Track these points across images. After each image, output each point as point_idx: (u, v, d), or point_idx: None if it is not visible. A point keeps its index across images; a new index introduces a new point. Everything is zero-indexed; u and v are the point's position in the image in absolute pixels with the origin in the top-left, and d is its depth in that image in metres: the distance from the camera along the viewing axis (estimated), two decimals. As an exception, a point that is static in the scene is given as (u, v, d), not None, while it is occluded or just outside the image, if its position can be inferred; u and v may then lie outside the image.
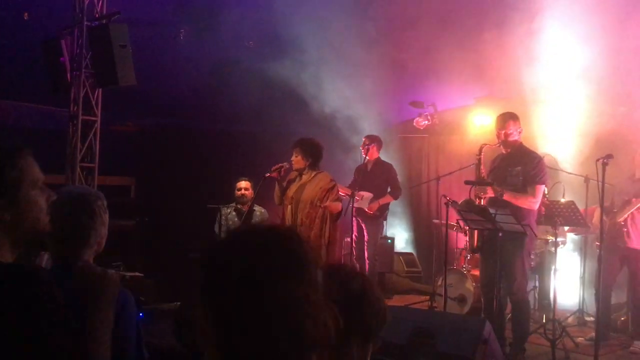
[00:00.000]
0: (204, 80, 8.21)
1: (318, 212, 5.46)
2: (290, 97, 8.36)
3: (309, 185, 5.52)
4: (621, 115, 6.86)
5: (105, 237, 2.22)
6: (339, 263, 1.70)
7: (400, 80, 8.62)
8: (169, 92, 8.34)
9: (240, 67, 8.29)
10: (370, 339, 1.64)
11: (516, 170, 5.15)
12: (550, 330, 5.43)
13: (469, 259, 6.98)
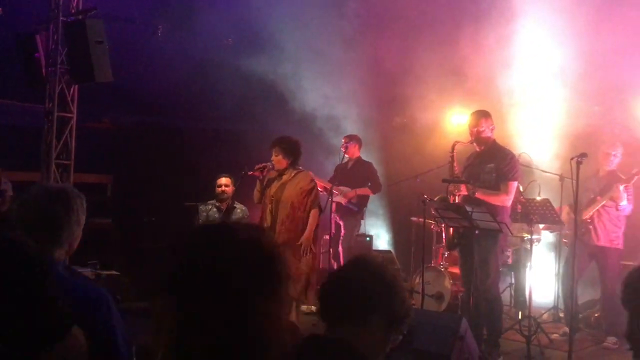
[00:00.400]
0: (183, 77, 8.16)
1: (299, 214, 5.45)
2: (270, 95, 8.34)
3: (289, 185, 5.50)
4: (596, 114, 6.97)
5: (77, 239, 2.11)
6: (367, 254, 1.94)
7: (380, 79, 8.66)
8: (146, 89, 8.26)
9: (219, 64, 8.25)
10: (393, 325, 1.80)
11: (489, 167, 5.21)
12: (525, 327, 5.50)
13: (446, 257, 7.04)
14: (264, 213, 5.62)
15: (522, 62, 7.22)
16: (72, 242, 2.08)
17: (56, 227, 2.01)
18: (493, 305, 5.28)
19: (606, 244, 5.83)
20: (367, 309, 1.76)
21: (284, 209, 5.45)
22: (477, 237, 5.04)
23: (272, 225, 5.50)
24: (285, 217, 5.43)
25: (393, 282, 1.82)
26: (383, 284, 1.80)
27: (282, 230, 5.43)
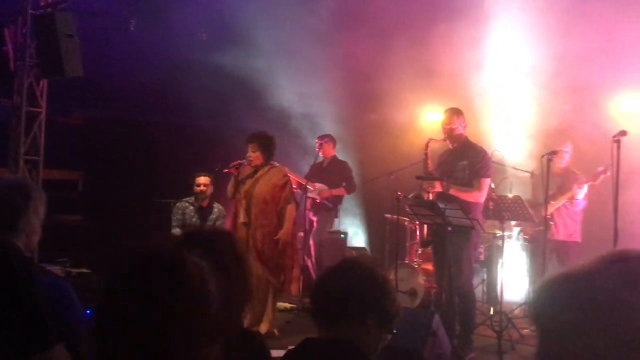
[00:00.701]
0: (155, 72, 8.05)
1: (272, 209, 5.43)
2: (245, 91, 8.29)
3: (262, 180, 5.49)
4: (567, 113, 7.07)
5: (36, 234, 2.08)
6: (358, 256, 2.07)
7: (354, 77, 8.67)
8: (118, 84, 8.14)
9: (192, 59, 8.16)
10: (385, 324, 1.90)
11: (462, 164, 5.26)
12: (496, 322, 5.57)
13: (420, 254, 7.08)
14: (238, 209, 5.60)
15: (495, 61, 7.29)
16: (30, 233, 2.04)
17: (13, 215, 1.99)
18: (466, 301, 5.33)
19: (566, 238, 5.98)
20: (365, 308, 1.86)
21: (257, 204, 5.44)
22: (450, 234, 5.08)
23: (246, 221, 5.49)
24: (259, 212, 5.42)
25: (385, 282, 1.94)
26: (377, 284, 1.90)
27: (256, 226, 5.42)
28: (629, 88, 7.04)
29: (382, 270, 2.00)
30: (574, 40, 6.56)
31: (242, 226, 5.51)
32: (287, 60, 8.36)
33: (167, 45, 8.23)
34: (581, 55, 6.71)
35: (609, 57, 6.55)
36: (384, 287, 1.92)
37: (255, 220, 5.42)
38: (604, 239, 5.31)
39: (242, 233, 5.50)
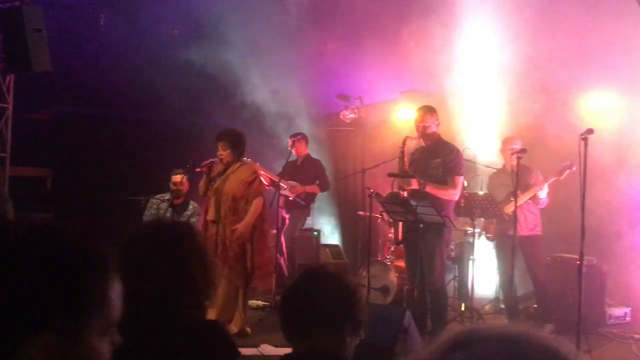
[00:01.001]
0: (126, 67, 7.93)
1: (242, 207, 5.40)
2: (218, 89, 8.23)
3: (232, 177, 5.46)
4: (536, 111, 7.17)
5: None
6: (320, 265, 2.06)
7: (327, 74, 8.68)
8: (88, 79, 8.01)
9: (164, 56, 8.07)
10: (357, 330, 1.90)
11: (435, 162, 5.30)
12: (467, 318, 5.64)
13: (392, 251, 7.12)
14: (208, 207, 5.57)
15: (467, 60, 7.37)
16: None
17: None
18: (438, 298, 5.38)
19: (527, 232, 6.06)
20: (341, 318, 1.86)
21: (226, 201, 5.41)
22: (422, 231, 5.11)
23: (216, 218, 5.45)
24: (228, 209, 5.39)
25: (357, 290, 1.95)
26: (350, 292, 1.90)
27: (226, 224, 5.39)
28: (597, 87, 7.18)
29: (351, 277, 2.01)
30: (543, 41, 6.67)
31: (212, 224, 5.48)
32: (260, 58, 8.33)
33: (138, 41, 8.13)
34: (550, 55, 6.82)
35: (577, 57, 6.65)
36: (356, 295, 1.92)
37: (225, 218, 5.39)
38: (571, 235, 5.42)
39: (212, 230, 5.47)
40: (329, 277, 1.92)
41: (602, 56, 6.36)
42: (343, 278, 1.93)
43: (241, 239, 5.38)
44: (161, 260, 1.78)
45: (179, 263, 1.80)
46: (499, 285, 6.69)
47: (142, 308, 1.71)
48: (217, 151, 5.53)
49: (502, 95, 7.23)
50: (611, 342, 5.96)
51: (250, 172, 5.49)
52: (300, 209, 7.59)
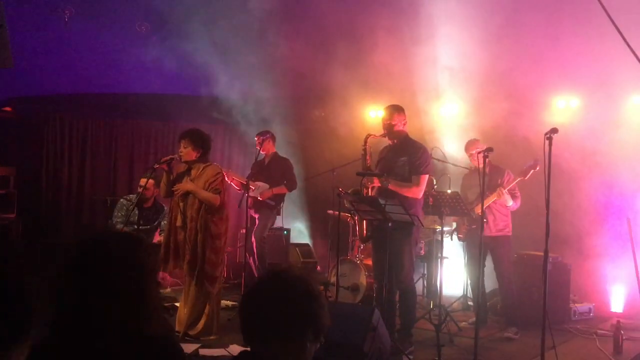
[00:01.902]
0: (91, 64, 7.79)
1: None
2: (184, 87, 8.14)
3: (197, 180, 5.35)
4: (503, 111, 7.26)
5: None
6: (284, 267, 1.91)
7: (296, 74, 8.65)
8: (52, 77, 7.84)
9: (130, 52, 7.94)
10: (319, 336, 1.84)
11: (402, 160, 5.32)
12: (436, 316, 5.68)
13: (362, 249, 7.13)
14: (175, 211, 5.45)
15: (438, 61, 7.43)
16: None
17: None
18: (407, 296, 5.40)
19: (496, 233, 6.13)
20: (303, 326, 1.80)
21: (192, 204, 5.31)
22: (391, 229, 5.12)
23: (183, 223, 5.36)
24: (195, 212, 5.29)
25: (320, 295, 1.86)
26: (313, 298, 1.83)
27: (192, 227, 5.29)
28: (563, 88, 7.31)
29: (315, 281, 1.91)
30: (511, 41, 6.75)
31: (179, 229, 5.39)
32: (229, 57, 8.26)
33: (104, 36, 7.99)
34: (518, 55, 6.91)
35: (545, 58, 6.77)
36: (319, 300, 1.85)
37: (191, 222, 5.29)
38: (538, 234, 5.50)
39: (180, 236, 5.38)
40: (292, 280, 1.85)
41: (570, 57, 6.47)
42: (307, 281, 1.86)
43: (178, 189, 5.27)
44: (110, 271, 1.73)
45: (128, 276, 1.75)
46: (469, 283, 6.76)
47: (87, 320, 1.68)
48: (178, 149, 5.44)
49: (471, 96, 7.32)
50: (576, 338, 6.08)
51: (214, 173, 5.37)
52: (269, 209, 7.55)
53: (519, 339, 5.96)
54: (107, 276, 1.71)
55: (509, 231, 6.23)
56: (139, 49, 7.91)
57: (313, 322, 1.82)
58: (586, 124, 6.94)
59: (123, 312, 1.70)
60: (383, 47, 7.41)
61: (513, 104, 7.19)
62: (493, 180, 6.06)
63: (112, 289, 1.71)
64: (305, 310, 1.80)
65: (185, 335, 5.34)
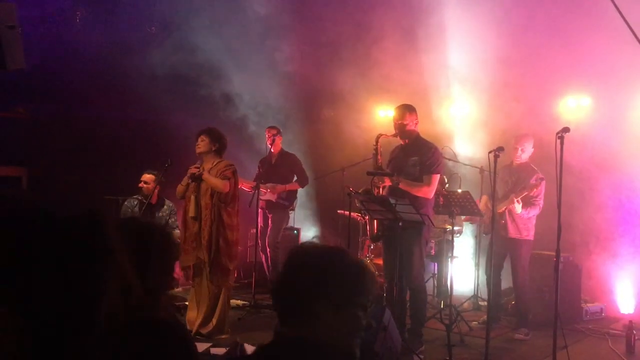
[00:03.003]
0: (103, 65, 7.84)
1: None
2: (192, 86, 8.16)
3: (210, 172, 5.45)
4: (513, 110, 7.23)
5: None
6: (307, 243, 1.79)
7: (306, 72, 8.65)
8: (64, 77, 7.89)
9: (141, 53, 7.99)
10: (367, 306, 1.69)
11: (413, 160, 5.31)
12: (446, 315, 5.67)
13: (372, 249, 7.13)
14: (187, 204, 5.54)
15: (449, 60, 7.42)
16: None
17: None
18: (417, 296, 5.39)
19: (516, 235, 6.08)
20: (354, 291, 1.66)
21: (206, 192, 5.42)
22: (401, 229, 5.12)
23: (196, 214, 5.42)
24: (208, 199, 5.38)
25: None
26: (360, 265, 1.70)
27: (206, 216, 5.39)
28: (575, 86, 7.28)
29: (337, 250, 1.75)
30: (521, 40, 6.73)
31: (192, 220, 5.45)
32: (238, 57, 8.28)
33: (115, 38, 8.04)
34: (529, 53, 6.89)
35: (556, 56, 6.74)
36: (367, 267, 1.71)
37: (205, 210, 5.37)
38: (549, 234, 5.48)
39: (194, 228, 5.43)
40: (333, 249, 1.74)
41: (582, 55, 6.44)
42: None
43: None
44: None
45: (139, 259, 1.77)
46: (482, 282, 6.72)
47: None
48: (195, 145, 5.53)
49: (481, 94, 7.29)
50: (587, 338, 6.05)
51: (227, 164, 5.49)
52: (283, 209, 7.54)
53: (530, 339, 5.93)
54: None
55: (528, 235, 6.12)
56: (150, 49, 7.96)
57: (362, 288, 1.68)
58: (597, 122, 6.90)
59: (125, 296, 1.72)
60: (393, 47, 7.41)
61: (523, 103, 7.16)
62: (522, 180, 6.02)
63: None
64: (353, 276, 1.67)
65: (196, 335, 5.37)
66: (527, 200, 5.97)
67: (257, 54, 8.25)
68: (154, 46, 7.92)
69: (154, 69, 7.69)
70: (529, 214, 6.03)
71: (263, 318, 6.31)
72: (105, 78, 7.95)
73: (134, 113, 8.62)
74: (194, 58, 7.98)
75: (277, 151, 7.61)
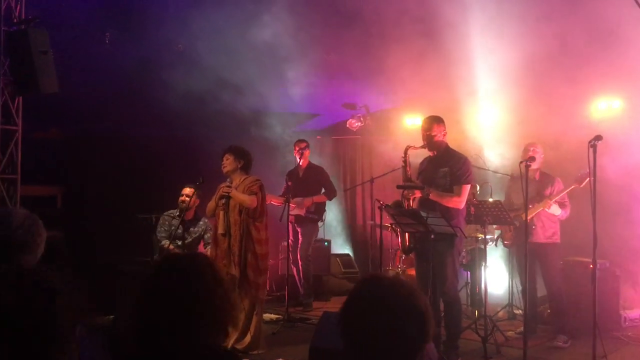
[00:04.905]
0: (133, 84, 7.98)
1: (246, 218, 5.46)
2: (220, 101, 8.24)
3: (238, 189, 5.51)
4: (543, 114, 7.15)
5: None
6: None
7: (333, 82, 8.68)
8: (95, 97, 8.05)
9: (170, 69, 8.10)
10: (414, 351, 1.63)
11: (443, 171, 5.29)
12: (482, 326, 5.61)
13: (404, 259, 7.11)
14: (217, 221, 5.60)
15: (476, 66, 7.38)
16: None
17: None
18: (452, 307, 5.35)
19: (544, 240, 6.03)
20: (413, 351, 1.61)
21: (234, 208, 5.47)
22: (434, 241, 5.10)
23: (226, 230, 5.48)
24: (237, 215, 5.44)
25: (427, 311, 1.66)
26: (420, 317, 1.64)
27: (235, 232, 5.44)
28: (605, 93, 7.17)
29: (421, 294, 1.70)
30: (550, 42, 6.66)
31: (222, 237, 5.51)
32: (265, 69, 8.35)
33: (144, 56, 8.17)
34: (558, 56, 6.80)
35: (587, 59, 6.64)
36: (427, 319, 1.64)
37: (234, 226, 5.43)
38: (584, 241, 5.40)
39: (224, 245, 5.48)
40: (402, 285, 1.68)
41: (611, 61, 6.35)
42: (414, 298, 1.65)
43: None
44: (183, 290, 1.81)
45: (200, 292, 1.82)
46: (519, 290, 6.65)
47: (162, 337, 1.77)
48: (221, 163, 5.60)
49: (510, 101, 7.23)
50: (627, 346, 5.92)
51: (254, 179, 5.55)
52: (312, 223, 7.57)
53: (568, 347, 5.84)
54: (182, 295, 1.79)
55: (557, 238, 6.13)
56: (178, 66, 8.07)
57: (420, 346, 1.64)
58: (629, 125, 6.77)
59: (198, 328, 1.79)
60: (420, 54, 7.38)
61: (553, 107, 7.08)
62: (542, 189, 5.97)
63: (189, 307, 1.79)
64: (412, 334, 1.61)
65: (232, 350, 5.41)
66: (560, 202, 5.97)
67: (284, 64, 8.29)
68: (182, 63, 8.02)
69: (183, 86, 7.79)
70: (566, 215, 6.03)
71: (297, 332, 6.33)
72: (135, 96, 8.09)
73: (165, 131, 8.75)
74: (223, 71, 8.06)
75: (305, 164, 7.65)
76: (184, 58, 8.13)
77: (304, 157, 7.57)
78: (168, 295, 1.79)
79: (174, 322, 1.77)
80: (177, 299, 1.78)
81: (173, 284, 1.80)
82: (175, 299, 1.78)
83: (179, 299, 1.78)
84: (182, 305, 1.78)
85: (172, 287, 1.80)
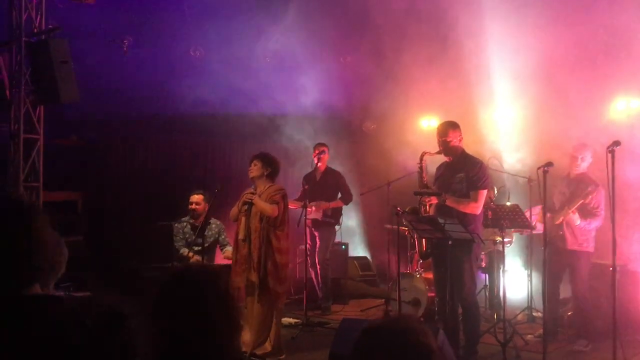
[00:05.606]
0: (151, 91, 8.07)
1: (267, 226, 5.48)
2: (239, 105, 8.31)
3: (262, 196, 5.54)
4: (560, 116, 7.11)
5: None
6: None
7: (348, 85, 8.71)
8: (114, 104, 8.15)
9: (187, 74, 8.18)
10: None
11: (459, 176, 5.29)
12: (500, 330, 5.60)
13: (421, 263, 7.11)
14: (238, 227, 5.64)
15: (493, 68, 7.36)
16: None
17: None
18: (470, 312, 5.35)
19: (575, 247, 5.92)
20: None
21: (255, 215, 5.49)
22: (451, 247, 5.10)
23: (246, 236, 5.52)
24: (257, 222, 5.47)
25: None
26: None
27: (255, 239, 5.46)
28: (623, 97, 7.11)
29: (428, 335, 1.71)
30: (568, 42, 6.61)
31: (242, 243, 5.55)
32: (282, 73, 8.39)
33: (161, 62, 8.26)
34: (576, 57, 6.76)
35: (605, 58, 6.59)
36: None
37: (254, 233, 5.46)
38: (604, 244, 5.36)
39: (244, 250, 5.52)
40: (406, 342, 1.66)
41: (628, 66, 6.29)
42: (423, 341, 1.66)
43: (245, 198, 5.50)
44: (202, 300, 1.88)
45: (218, 303, 1.90)
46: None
47: (180, 348, 1.84)
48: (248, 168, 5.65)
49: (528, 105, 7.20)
50: (648, 349, 5.87)
51: (277, 189, 5.58)
52: (329, 227, 7.61)
53: (589, 351, 5.80)
54: (202, 306, 1.87)
55: (589, 247, 5.95)
56: (194, 71, 8.14)
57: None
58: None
59: (219, 338, 1.86)
60: (436, 57, 7.38)
61: (570, 108, 7.03)
62: (579, 191, 5.87)
63: (207, 318, 1.86)
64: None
65: (252, 356, 5.45)
66: (587, 210, 5.81)
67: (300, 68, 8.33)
68: (200, 70, 8.10)
69: (201, 93, 7.86)
70: (591, 225, 5.85)
71: (316, 336, 6.36)
72: (154, 103, 8.19)
73: (183, 137, 8.83)
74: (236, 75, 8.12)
75: (323, 168, 7.68)
76: (202, 64, 8.21)
77: (322, 161, 7.60)
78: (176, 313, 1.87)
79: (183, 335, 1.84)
80: (194, 309, 1.87)
81: (178, 304, 1.88)
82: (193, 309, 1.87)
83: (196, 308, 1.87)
84: (194, 320, 1.85)
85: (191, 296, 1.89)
